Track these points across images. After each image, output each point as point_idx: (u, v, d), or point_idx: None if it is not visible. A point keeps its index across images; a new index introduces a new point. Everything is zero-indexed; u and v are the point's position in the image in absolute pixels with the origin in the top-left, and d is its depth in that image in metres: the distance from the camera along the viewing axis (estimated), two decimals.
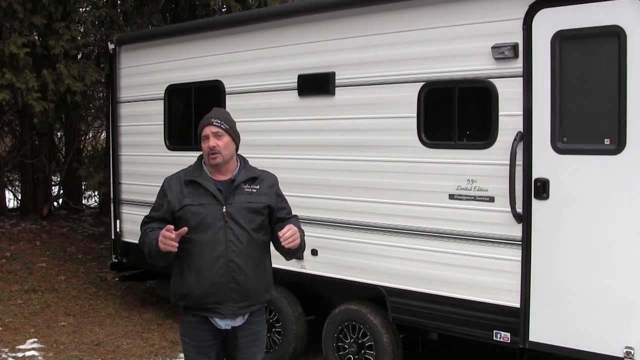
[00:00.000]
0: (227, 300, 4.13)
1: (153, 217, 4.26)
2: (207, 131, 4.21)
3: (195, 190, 4.17)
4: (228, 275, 4.11)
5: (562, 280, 5.06)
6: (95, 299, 9.52)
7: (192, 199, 4.14)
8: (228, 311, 4.16)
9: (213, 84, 7.50)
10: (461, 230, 5.59)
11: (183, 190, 4.18)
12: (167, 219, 4.17)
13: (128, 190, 8.62)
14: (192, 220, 4.10)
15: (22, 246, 11.17)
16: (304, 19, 6.62)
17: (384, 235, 6.05)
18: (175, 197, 4.17)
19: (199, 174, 4.22)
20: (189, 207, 4.13)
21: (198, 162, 4.32)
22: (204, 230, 4.10)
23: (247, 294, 4.20)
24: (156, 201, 4.30)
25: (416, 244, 5.86)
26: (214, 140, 4.18)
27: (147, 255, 4.18)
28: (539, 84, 5.10)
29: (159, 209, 4.24)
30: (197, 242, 4.10)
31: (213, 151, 4.17)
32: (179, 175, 4.28)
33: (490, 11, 5.37)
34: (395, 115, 5.95)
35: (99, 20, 11.37)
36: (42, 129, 12.28)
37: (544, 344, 5.17)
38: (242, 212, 4.17)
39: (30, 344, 7.67)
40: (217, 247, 4.10)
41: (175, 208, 4.15)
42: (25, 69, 10.14)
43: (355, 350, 6.31)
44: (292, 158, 6.73)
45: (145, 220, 4.30)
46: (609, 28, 4.77)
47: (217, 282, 4.10)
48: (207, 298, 4.12)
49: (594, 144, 4.91)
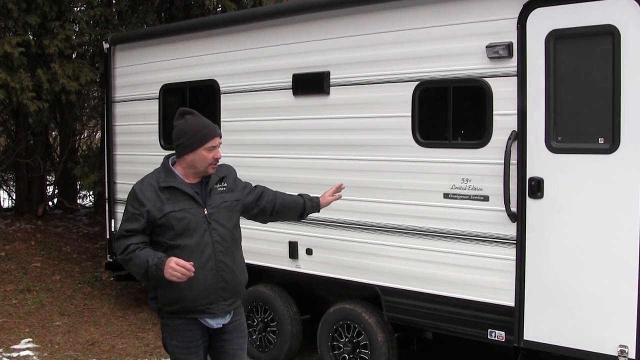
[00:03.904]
0: (218, 300, 4.19)
1: (133, 230, 4.10)
2: (217, 142, 4.23)
3: (173, 196, 4.15)
4: (218, 275, 4.17)
5: (557, 279, 5.06)
6: (90, 299, 9.50)
7: (172, 205, 4.11)
8: (219, 310, 4.22)
9: (208, 83, 7.49)
10: (455, 229, 5.59)
11: (160, 196, 4.12)
12: (146, 230, 4.12)
13: (123, 189, 8.59)
14: (177, 227, 4.10)
15: (16, 246, 11.14)
16: (298, 18, 6.62)
17: (378, 234, 6.05)
18: (153, 206, 4.10)
19: (174, 179, 4.19)
20: (172, 214, 4.10)
21: (167, 166, 4.28)
22: (190, 235, 4.11)
23: (235, 290, 4.30)
24: (129, 211, 4.15)
25: (411, 243, 5.86)
26: (219, 152, 4.24)
27: (135, 273, 4.12)
28: (533, 83, 5.10)
29: (137, 219, 4.10)
30: (184, 247, 4.09)
31: (217, 162, 4.25)
32: (149, 181, 4.20)
33: (484, 10, 5.37)
34: (390, 114, 5.95)
35: (94, 20, 11.33)
36: (36, 129, 12.24)
37: (538, 342, 5.18)
38: (221, 211, 4.25)
39: (25, 344, 7.67)
40: (205, 249, 4.13)
41: (156, 217, 4.09)
42: (20, 69, 10.11)
43: (350, 350, 6.31)
44: (287, 157, 6.73)
45: (124, 234, 4.13)
46: (603, 27, 4.78)
47: (209, 284, 4.14)
48: (200, 300, 4.15)
49: (588, 143, 4.92)
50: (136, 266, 4.05)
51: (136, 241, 4.08)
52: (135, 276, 4.19)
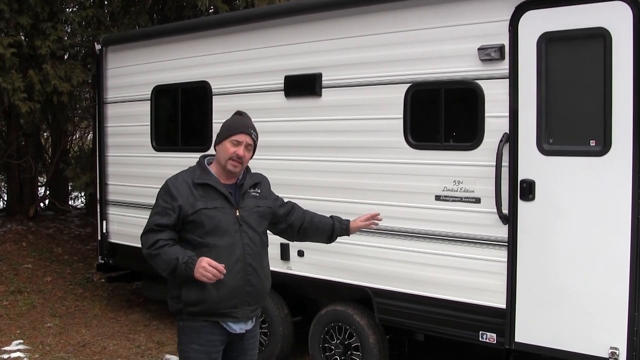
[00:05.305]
0: (242, 304, 4.12)
1: (164, 225, 4.05)
2: (242, 138, 4.15)
3: (207, 193, 4.09)
4: (245, 278, 4.10)
5: (548, 281, 5.07)
6: (82, 300, 9.47)
7: (205, 202, 4.05)
8: (243, 315, 4.15)
9: (200, 84, 7.48)
10: (447, 231, 5.60)
11: (194, 193, 4.06)
12: (176, 226, 4.07)
13: (115, 191, 8.58)
14: (208, 224, 4.04)
15: (8, 247, 11.11)
16: (290, 20, 6.61)
17: (370, 236, 6.04)
18: (186, 201, 4.03)
19: (209, 177, 4.14)
20: (204, 211, 4.04)
21: (202, 164, 4.24)
22: (220, 234, 4.05)
23: (259, 296, 4.23)
24: (160, 205, 4.09)
25: (402, 245, 5.86)
26: (244, 150, 4.14)
27: (161, 269, 4.04)
28: (525, 86, 5.11)
29: (168, 214, 4.04)
30: (213, 247, 4.03)
31: (239, 160, 4.13)
32: (184, 177, 4.14)
33: (476, 13, 5.38)
34: (382, 116, 5.95)
35: (86, 21, 11.30)
36: (28, 130, 12.21)
37: (530, 344, 5.18)
38: (252, 215, 4.19)
39: (15, 346, 7.63)
40: (235, 250, 4.06)
41: (188, 212, 4.02)
42: (12, 69, 10.07)
43: (341, 351, 6.30)
44: (279, 159, 6.71)
45: (154, 228, 4.06)
46: (594, 30, 4.79)
47: (235, 286, 4.07)
48: (225, 302, 4.06)
49: (580, 145, 4.93)
50: (164, 262, 3.98)
51: (165, 237, 4.02)
52: (160, 272, 4.08)
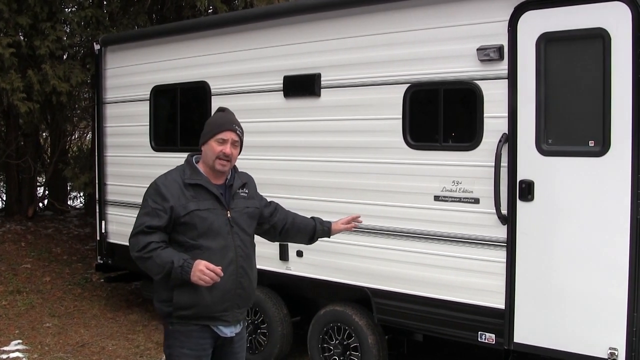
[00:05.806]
0: (233, 307, 4.05)
1: (155, 227, 3.91)
2: (228, 136, 4.06)
3: (198, 194, 3.99)
4: (237, 281, 4.03)
5: (547, 281, 5.07)
6: (81, 300, 9.47)
7: (197, 204, 3.95)
8: (233, 318, 4.09)
9: (199, 85, 7.47)
10: (446, 231, 5.60)
11: (185, 193, 3.95)
12: (167, 228, 3.95)
13: (113, 191, 8.58)
14: (200, 226, 3.94)
15: (7, 247, 11.11)
16: (289, 20, 6.61)
17: (369, 236, 6.05)
18: (177, 202, 3.92)
19: (200, 177, 4.05)
20: (197, 212, 3.93)
21: (192, 163, 4.13)
22: (213, 236, 3.96)
23: (248, 298, 4.17)
24: (150, 206, 3.95)
25: (401, 245, 5.86)
26: (231, 148, 4.06)
27: (154, 273, 3.92)
28: (524, 86, 5.11)
29: (159, 215, 3.92)
30: (206, 249, 3.93)
31: (227, 158, 4.04)
32: (173, 177, 4.03)
33: (475, 13, 5.38)
34: (381, 116, 5.95)
35: (85, 21, 11.29)
36: (27, 130, 12.22)
37: (528, 345, 5.18)
38: (243, 216, 4.13)
39: (14, 346, 7.63)
40: (227, 253, 3.99)
41: (180, 214, 3.91)
42: (11, 70, 10.07)
43: (340, 352, 6.30)
44: (278, 159, 6.71)
45: (144, 230, 3.92)
46: (593, 30, 4.79)
47: (228, 289, 3.99)
48: (216, 306, 3.98)
49: (579, 145, 4.93)
50: (157, 266, 3.85)
51: (157, 239, 3.89)
52: (152, 275, 3.96)
